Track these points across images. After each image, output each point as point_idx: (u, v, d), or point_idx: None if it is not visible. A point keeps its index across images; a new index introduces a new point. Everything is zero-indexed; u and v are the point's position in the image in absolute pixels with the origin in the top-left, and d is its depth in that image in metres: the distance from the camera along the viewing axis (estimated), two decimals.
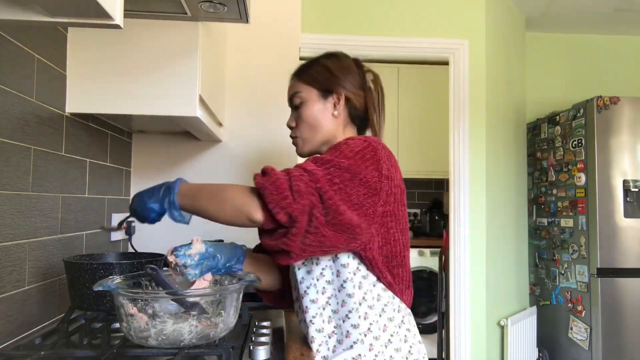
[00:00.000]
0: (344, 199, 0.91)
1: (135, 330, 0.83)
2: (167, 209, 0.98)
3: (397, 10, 2.96)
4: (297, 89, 1.16)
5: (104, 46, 1.29)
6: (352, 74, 1.15)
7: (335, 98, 1.13)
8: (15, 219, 1.02)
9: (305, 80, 1.15)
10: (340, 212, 0.89)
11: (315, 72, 1.15)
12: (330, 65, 1.15)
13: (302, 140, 1.15)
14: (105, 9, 0.63)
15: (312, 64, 1.17)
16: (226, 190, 0.95)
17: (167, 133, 1.84)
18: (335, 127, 1.13)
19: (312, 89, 1.14)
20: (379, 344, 0.99)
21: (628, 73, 3.79)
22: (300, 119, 1.14)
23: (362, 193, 0.94)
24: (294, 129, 1.16)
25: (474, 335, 2.94)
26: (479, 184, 2.99)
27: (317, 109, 1.13)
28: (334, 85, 1.13)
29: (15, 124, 1.02)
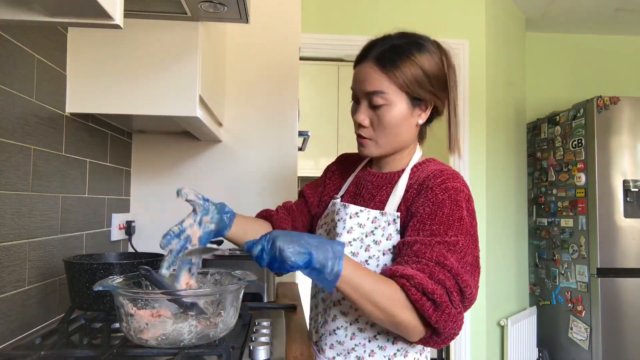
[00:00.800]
0: (471, 272, 0.90)
1: (135, 330, 0.83)
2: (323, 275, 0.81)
3: (397, 10, 2.96)
4: (382, 88, 0.96)
5: (104, 46, 1.29)
6: (442, 74, 1.00)
7: (423, 107, 1.00)
8: (15, 219, 1.02)
9: (395, 81, 0.96)
10: (473, 297, 0.89)
11: (409, 71, 0.96)
12: (425, 64, 0.97)
13: (374, 144, 1.02)
14: (105, 9, 0.63)
15: (402, 55, 0.96)
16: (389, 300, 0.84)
17: (167, 133, 1.84)
18: (414, 135, 1.04)
19: (403, 93, 0.97)
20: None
21: (628, 73, 3.79)
22: (380, 123, 0.98)
23: (474, 249, 0.93)
24: (366, 129, 1.01)
25: (474, 335, 2.94)
26: (479, 184, 2.99)
27: (403, 116, 0.98)
28: (427, 95, 0.98)
29: (15, 124, 1.02)
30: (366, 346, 0.99)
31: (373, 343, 0.99)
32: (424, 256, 0.87)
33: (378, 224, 0.99)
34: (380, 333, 0.99)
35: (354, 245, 0.99)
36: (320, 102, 3.93)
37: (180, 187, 0.96)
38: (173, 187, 1.16)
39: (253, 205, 1.91)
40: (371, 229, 0.99)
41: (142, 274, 0.89)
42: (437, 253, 0.87)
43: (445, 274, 0.85)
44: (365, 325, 0.99)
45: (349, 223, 1.00)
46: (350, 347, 1.00)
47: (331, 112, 3.93)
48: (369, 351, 0.99)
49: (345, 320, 1.01)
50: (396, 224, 0.97)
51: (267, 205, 1.91)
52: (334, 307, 1.02)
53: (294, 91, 1.92)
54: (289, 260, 0.78)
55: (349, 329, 1.00)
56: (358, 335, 1.00)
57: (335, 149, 3.87)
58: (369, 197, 1.06)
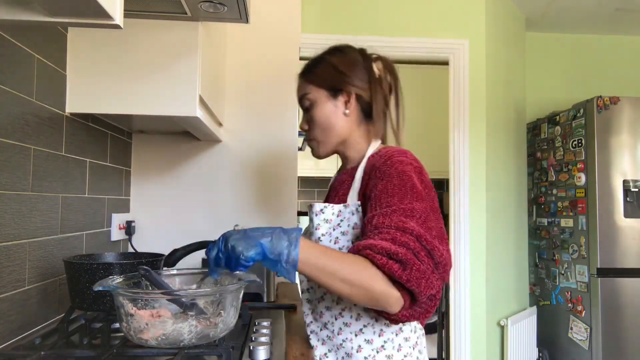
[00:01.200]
0: (438, 238, 0.89)
1: (135, 330, 0.83)
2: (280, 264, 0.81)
3: (397, 10, 2.96)
4: (305, 91, 1.12)
5: (104, 46, 1.29)
6: (359, 67, 1.10)
7: (345, 97, 1.09)
8: (15, 219, 1.02)
9: (312, 81, 1.11)
10: (446, 262, 0.88)
11: (322, 71, 1.11)
12: (335, 62, 1.11)
13: (317, 143, 1.13)
14: (105, 9, 0.63)
15: (318, 63, 1.13)
16: (358, 272, 0.83)
17: (167, 133, 1.84)
18: (349, 126, 1.10)
19: (321, 89, 1.10)
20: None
21: (628, 73, 3.79)
22: (313, 121, 1.12)
23: (435, 219, 0.93)
24: (308, 132, 1.14)
25: (474, 335, 2.94)
26: (479, 184, 2.99)
27: (328, 110, 1.10)
28: (342, 84, 1.09)
29: (15, 124, 1.02)
30: (353, 341, 0.99)
31: (359, 337, 0.99)
32: (383, 225, 0.88)
33: (343, 216, 1.03)
34: (365, 326, 0.99)
35: (323, 240, 1.02)
36: None
37: None
38: (173, 187, 1.16)
39: (253, 206, 1.92)
40: (337, 222, 1.03)
41: (141, 274, 0.89)
42: (396, 220, 0.87)
43: (407, 236, 0.85)
44: (350, 320, 1.00)
45: (316, 221, 1.05)
46: (338, 342, 1.01)
47: None
48: (357, 346, 0.99)
49: (330, 315, 1.02)
50: (359, 212, 1.01)
51: (267, 205, 1.91)
52: (319, 304, 1.04)
53: (294, 91, 1.91)
54: (242, 255, 0.79)
55: (335, 324, 1.01)
56: (344, 330, 1.01)
57: None
58: (334, 194, 1.13)
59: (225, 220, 1.83)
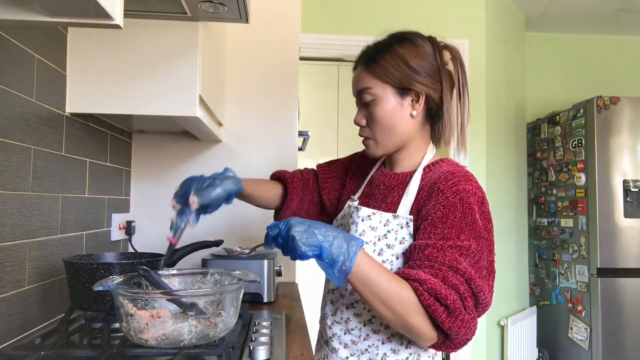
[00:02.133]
0: (487, 275, 0.90)
1: (135, 330, 0.83)
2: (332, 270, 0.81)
3: (397, 10, 2.96)
4: (367, 84, 0.99)
5: (104, 46, 1.29)
6: (430, 61, 0.99)
7: (413, 96, 0.99)
8: (15, 219, 1.02)
9: (378, 74, 0.98)
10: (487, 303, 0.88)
11: (389, 64, 0.97)
12: (406, 55, 0.97)
13: (375, 143, 1.03)
14: (105, 9, 0.63)
15: (383, 52, 0.99)
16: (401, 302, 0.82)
17: (167, 133, 1.84)
18: (413, 129, 1.01)
19: (387, 86, 0.98)
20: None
21: (628, 73, 3.79)
22: (373, 120, 1.00)
23: (489, 254, 0.92)
24: (364, 129, 1.03)
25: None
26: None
27: (393, 109, 0.99)
28: (412, 82, 0.97)
29: (15, 124, 1.02)
30: (379, 348, 0.99)
31: (386, 345, 0.99)
32: (436, 260, 0.85)
33: (390, 227, 0.97)
34: (393, 335, 0.98)
35: (366, 248, 0.97)
36: (320, 102, 3.93)
37: None
38: (173, 187, 1.17)
39: (253, 206, 1.91)
40: (384, 232, 0.98)
41: (140, 274, 0.89)
42: (450, 257, 0.85)
43: (458, 278, 0.83)
44: (380, 327, 0.99)
45: (361, 226, 1.00)
46: (363, 348, 1.00)
47: (331, 112, 3.93)
48: (382, 354, 0.98)
49: (359, 322, 1.01)
50: (409, 227, 0.96)
51: None
52: (347, 310, 1.02)
53: (294, 91, 1.92)
54: (299, 250, 0.79)
55: (362, 330, 1.00)
56: (372, 337, 0.99)
57: (335, 149, 3.87)
58: (381, 198, 1.05)
59: (225, 220, 1.83)
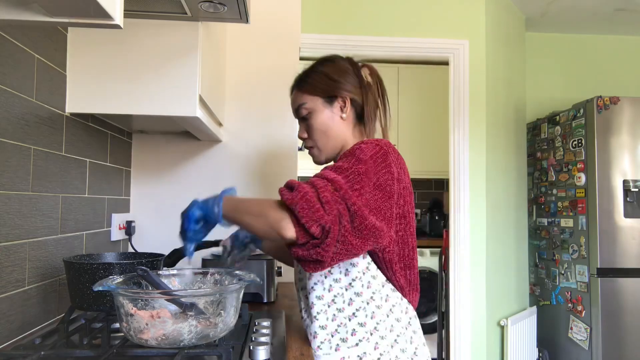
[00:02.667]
0: (365, 204, 0.92)
1: (135, 330, 0.83)
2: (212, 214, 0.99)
3: (397, 11, 2.96)
4: (301, 101, 1.16)
5: (104, 46, 1.29)
6: (349, 74, 1.16)
7: (340, 102, 1.14)
8: (15, 219, 1.02)
9: (307, 91, 1.16)
10: (364, 217, 0.90)
11: (315, 80, 1.16)
12: (327, 71, 1.16)
13: (317, 150, 1.17)
14: (105, 9, 0.63)
15: (310, 73, 1.18)
16: (260, 205, 0.96)
17: (167, 133, 1.84)
18: (345, 130, 1.15)
19: (316, 97, 1.14)
20: (385, 343, 1.00)
21: (628, 73, 3.79)
22: (312, 129, 1.15)
23: (379, 197, 0.95)
24: (307, 140, 1.18)
25: (474, 335, 2.94)
26: (479, 184, 2.99)
27: (325, 116, 1.14)
28: (336, 90, 1.14)
29: (15, 124, 1.02)
30: (347, 326, 1.01)
31: (353, 321, 1.01)
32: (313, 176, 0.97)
33: None
34: (358, 310, 1.00)
35: None
36: None
37: None
38: (173, 187, 1.17)
39: None
40: None
41: (139, 274, 0.89)
42: (324, 172, 0.96)
43: (318, 180, 0.92)
44: (343, 305, 1.01)
45: None
46: (332, 329, 1.02)
47: None
48: (351, 330, 1.00)
49: (323, 304, 1.02)
50: None
51: None
52: (310, 294, 1.04)
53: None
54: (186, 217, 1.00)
55: (328, 312, 1.02)
56: (338, 316, 1.02)
57: None
58: None
59: None
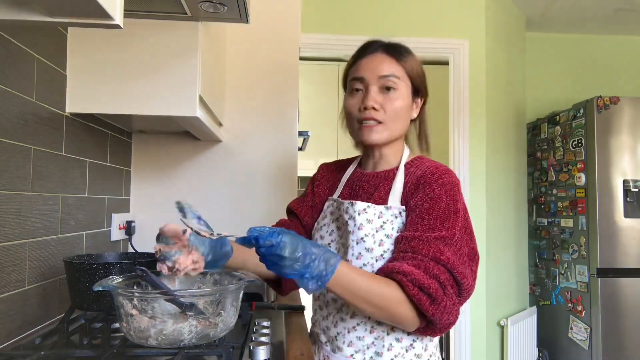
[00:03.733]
0: (469, 261, 0.96)
1: (135, 330, 0.83)
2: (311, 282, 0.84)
3: (397, 10, 2.96)
4: (395, 72, 1.04)
5: (104, 46, 1.29)
6: None
7: (419, 101, 1.10)
8: (15, 219, 1.02)
9: (405, 67, 1.05)
10: (468, 284, 0.93)
11: (414, 62, 1.07)
12: (420, 65, 1.10)
13: (384, 127, 1.04)
14: (105, 9, 0.63)
15: (408, 54, 1.08)
16: (383, 298, 0.90)
17: (167, 133, 1.84)
18: (407, 128, 1.11)
19: (409, 82, 1.07)
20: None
21: (628, 73, 3.79)
22: (392, 104, 1.03)
23: (469, 240, 0.99)
24: (377, 112, 1.03)
25: (474, 335, 2.94)
26: (479, 184, 2.99)
27: (407, 104, 1.06)
28: (423, 89, 1.10)
29: (15, 124, 1.02)
30: (384, 339, 1.01)
31: (390, 336, 1.01)
32: (420, 252, 0.92)
33: (385, 218, 1.02)
34: None
35: (367, 241, 1.00)
36: (320, 102, 3.93)
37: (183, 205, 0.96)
38: (173, 187, 1.16)
39: (253, 206, 1.92)
40: (380, 224, 1.02)
41: (138, 274, 0.89)
42: (434, 249, 0.92)
43: (439, 268, 0.90)
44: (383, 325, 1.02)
45: (358, 220, 1.02)
46: (369, 342, 1.02)
47: (331, 112, 3.93)
48: (388, 345, 1.01)
49: (364, 316, 1.02)
50: (402, 216, 1.01)
51: (267, 205, 1.91)
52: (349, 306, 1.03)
53: (294, 91, 1.92)
54: (282, 271, 0.82)
55: (367, 324, 1.02)
56: (377, 329, 1.01)
57: (335, 149, 3.87)
58: (366, 195, 1.08)
59: (225, 221, 1.83)
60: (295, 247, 0.82)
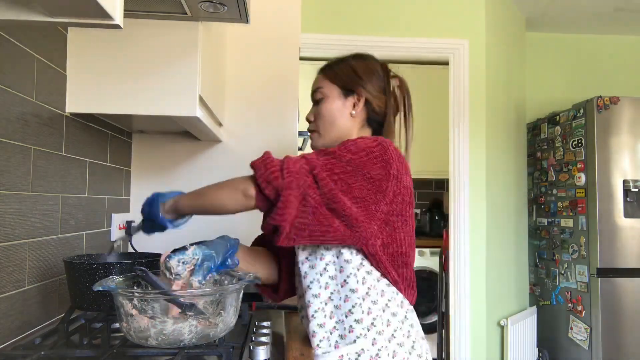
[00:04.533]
0: (343, 190, 0.94)
1: (135, 330, 0.83)
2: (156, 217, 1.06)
3: (397, 10, 2.96)
4: (319, 85, 1.18)
5: (104, 46, 1.29)
6: (376, 77, 1.17)
7: (355, 98, 1.15)
8: (15, 219, 1.02)
9: (329, 77, 1.18)
10: (337, 198, 0.93)
11: (340, 70, 1.18)
12: (355, 65, 1.17)
13: (318, 134, 1.18)
14: (105, 9, 0.63)
15: (339, 63, 1.19)
16: (226, 180, 1.01)
17: (167, 133, 1.84)
18: (350, 126, 1.16)
19: (335, 86, 1.16)
20: (382, 338, 1.00)
21: (628, 73, 3.79)
22: (319, 114, 1.17)
23: (366, 188, 0.96)
24: (312, 123, 1.19)
25: (474, 335, 2.94)
26: (479, 184, 2.99)
27: (335, 106, 1.15)
28: (356, 86, 1.15)
29: (15, 124, 1.02)
30: (344, 322, 1.00)
31: (349, 318, 1.00)
32: None
33: None
34: (354, 306, 1.00)
35: None
36: None
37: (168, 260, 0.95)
38: (173, 187, 1.16)
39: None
40: None
41: (138, 274, 0.89)
42: (306, 153, 0.99)
43: (293, 156, 0.96)
44: (339, 302, 1.01)
45: None
46: (330, 327, 1.01)
47: None
48: (348, 327, 1.00)
49: (319, 302, 1.02)
50: None
51: None
52: (307, 293, 1.03)
53: (294, 91, 1.92)
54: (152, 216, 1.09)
55: (325, 309, 1.02)
56: (335, 313, 1.01)
57: None
58: None
59: (225, 220, 1.83)
60: None
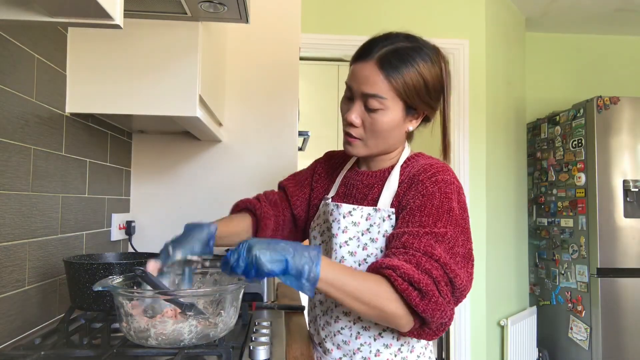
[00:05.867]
0: (463, 262, 0.90)
1: (135, 330, 0.83)
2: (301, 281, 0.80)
3: (397, 10, 2.96)
4: (381, 92, 0.94)
5: (104, 46, 1.29)
6: (439, 83, 0.99)
7: (416, 115, 1.00)
8: (15, 219, 1.02)
9: (396, 87, 0.94)
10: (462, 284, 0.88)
11: (411, 80, 0.94)
12: (425, 74, 0.95)
13: (363, 145, 1.00)
14: (105, 9, 0.63)
15: (404, 60, 0.94)
16: (372, 293, 0.84)
17: (167, 133, 1.84)
18: (402, 139, 1.04)
19: (400, 101, 0.95)
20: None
21: (628, 73, 3.79)
22: (374, 125, 0.97)
23: (465, 241, 0.93)
24: (356, 129, 0.99)
25: (474, 335, 2.94)
26: (479, 184, 2.99)
27: (396, 123, 0.97)
28: (422, 105, 0.98)
29: (15, 124, 1.02)
30: (372, 345, 0.99)
31: (378, 342, 0.99)
32: (411, 247, 0.87)
33: (372, 221, 0.98)
34: (385, 330, 0.99)
35: (350, 244, 0.99)
36: (320, 102, 3.93)
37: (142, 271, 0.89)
38: (173, 187, 1.16)
39: None
40: (366, 227, 0.99)
41: (137, 274, 0.89)
42: (425, 243, 0.87)
43: (432, 263, 0.85)
44: (369, 324, 0.99)
45: (343, 223, 1.00)
46: (355, 347, 1.00)
47: (331, 112, 3.93)
48: (375, 350, 0.99)
49: (348, 320, 1.00)
50: (391, 219, 0.97)
51: None
52: (336, 308, 1.02)
53: (294, 91, 1.92)
54: (265, 267, 0.78)
55: (353, 329, 1.00)
56: (363, 335, 1.00)
57: (335, 149, 3.87)
58: (360, 196, 1.05)
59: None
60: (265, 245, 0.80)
